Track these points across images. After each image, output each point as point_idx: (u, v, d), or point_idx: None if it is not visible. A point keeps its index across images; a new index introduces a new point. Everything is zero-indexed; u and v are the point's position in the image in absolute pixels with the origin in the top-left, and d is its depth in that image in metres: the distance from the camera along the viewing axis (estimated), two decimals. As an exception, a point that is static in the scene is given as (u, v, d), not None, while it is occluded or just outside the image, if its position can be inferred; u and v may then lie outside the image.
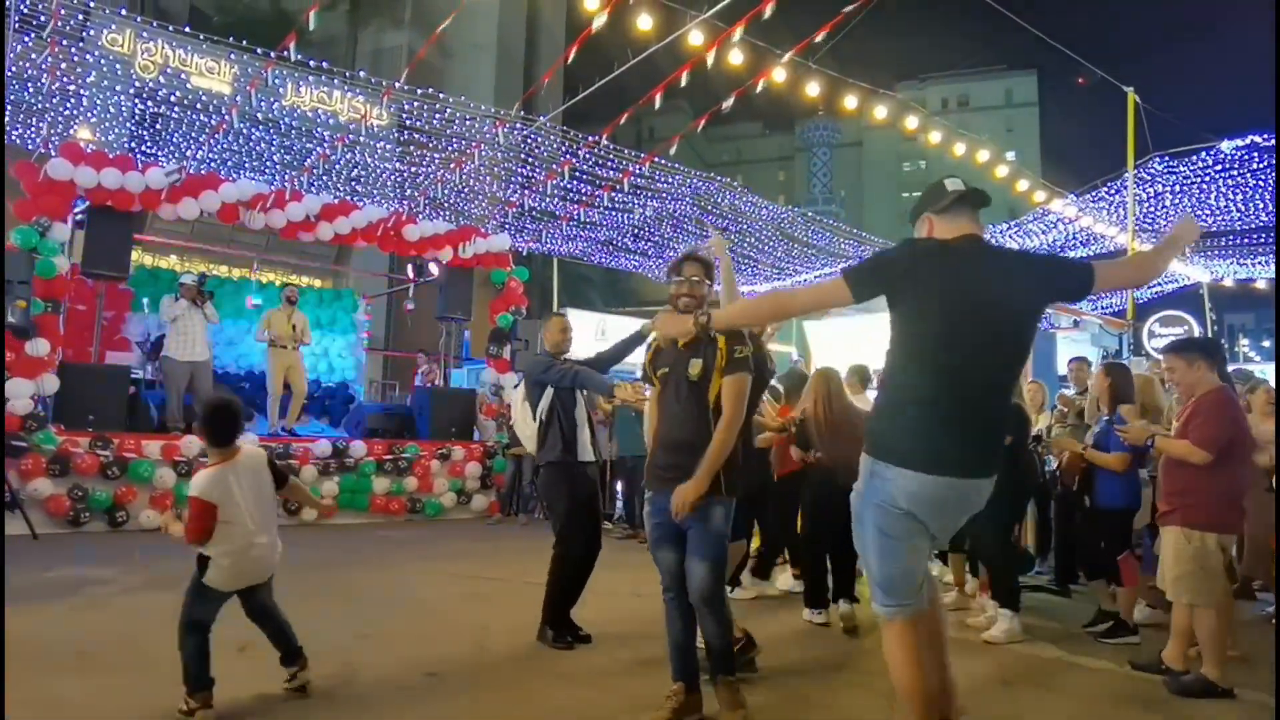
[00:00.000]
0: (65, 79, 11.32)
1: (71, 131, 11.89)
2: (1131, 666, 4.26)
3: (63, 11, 10.13)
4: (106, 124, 12.60)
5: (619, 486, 9.54)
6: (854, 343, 8.01)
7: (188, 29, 14.34)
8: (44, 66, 10.55)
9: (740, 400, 3.23)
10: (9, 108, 10.77)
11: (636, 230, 15.89)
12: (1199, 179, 12.29)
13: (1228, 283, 17.26)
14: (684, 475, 3.15)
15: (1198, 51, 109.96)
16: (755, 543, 5.96)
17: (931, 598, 2.70)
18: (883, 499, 2.50)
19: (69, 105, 11.91)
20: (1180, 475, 3.97)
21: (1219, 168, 11.88)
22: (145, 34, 13.90)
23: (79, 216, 8.42)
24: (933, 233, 2.59)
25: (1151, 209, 13.50)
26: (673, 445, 3.28)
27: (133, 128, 12.98)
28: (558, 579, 4.41)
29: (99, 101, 12.36)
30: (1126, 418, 4.73)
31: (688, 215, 15.43)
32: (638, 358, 4.01)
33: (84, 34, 12.51)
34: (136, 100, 12.89)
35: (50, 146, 10.66)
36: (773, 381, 6.41)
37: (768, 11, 8.16)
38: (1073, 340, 15.42)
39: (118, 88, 12.71)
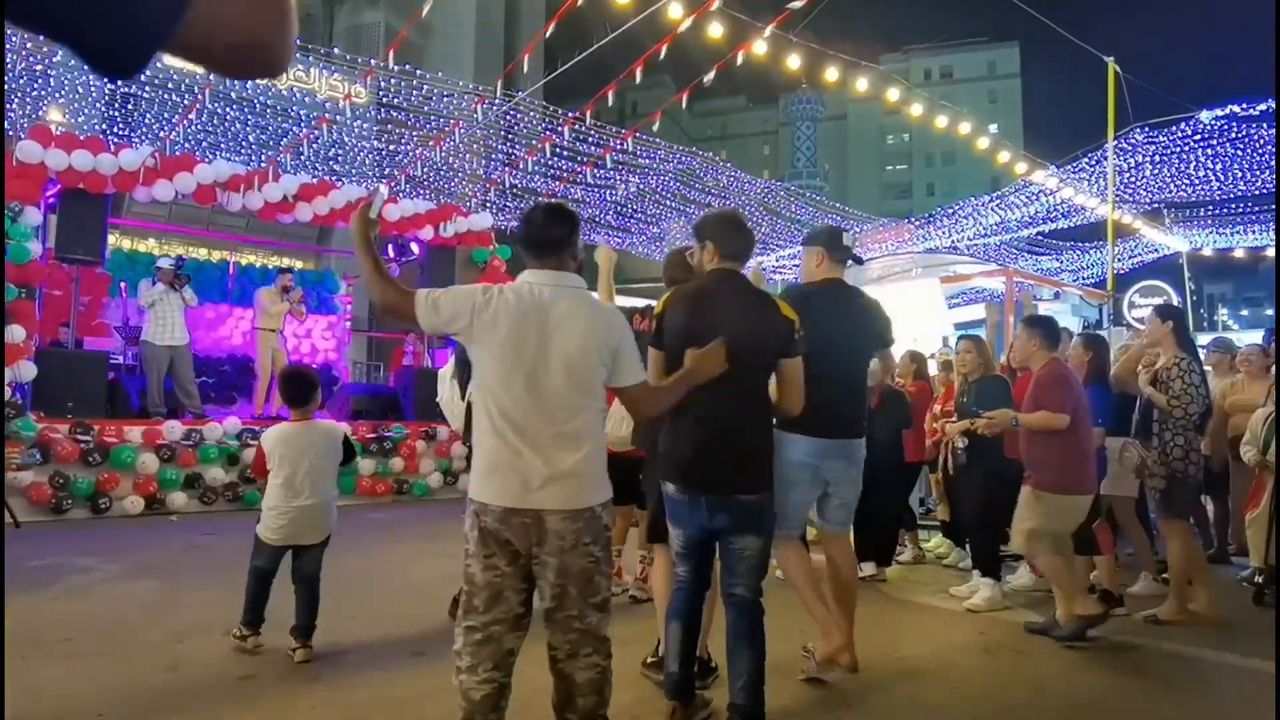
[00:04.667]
0: (32, 59, 11.06)
1: (41, 113, 11.65)
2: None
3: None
4: (77, 105, 12.35)
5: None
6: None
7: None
8: (9, 47, 10.31)
9: None
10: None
11: (620, 207, 15.80)
12: (1178, 149, 12.31)
13: (1206, 252, 17.39)
14: None
15: (1180, 20, 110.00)
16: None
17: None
18: None
19: (36, 86, 11.65)
20: (1035, 443, 4.31)
21: (1198, 138, 11.91)
22: (114, 11, 13.54)
23: (51, 200, 8.27)
24: (821, 266, 3.52)
25: (1132, 180, 13.54)
26: None
27: (104, 108, 12.73)
28: None
29: (68, 82, 12.11)
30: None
31: (671, 191, 15.34)
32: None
33: (50, 12, 12.19)
34: (107, 80, 12.62)
35: (20, 129, 10.45)
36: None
37: None
38: (1054, 312, 15.48)
39: (86, 67, 12.42)
